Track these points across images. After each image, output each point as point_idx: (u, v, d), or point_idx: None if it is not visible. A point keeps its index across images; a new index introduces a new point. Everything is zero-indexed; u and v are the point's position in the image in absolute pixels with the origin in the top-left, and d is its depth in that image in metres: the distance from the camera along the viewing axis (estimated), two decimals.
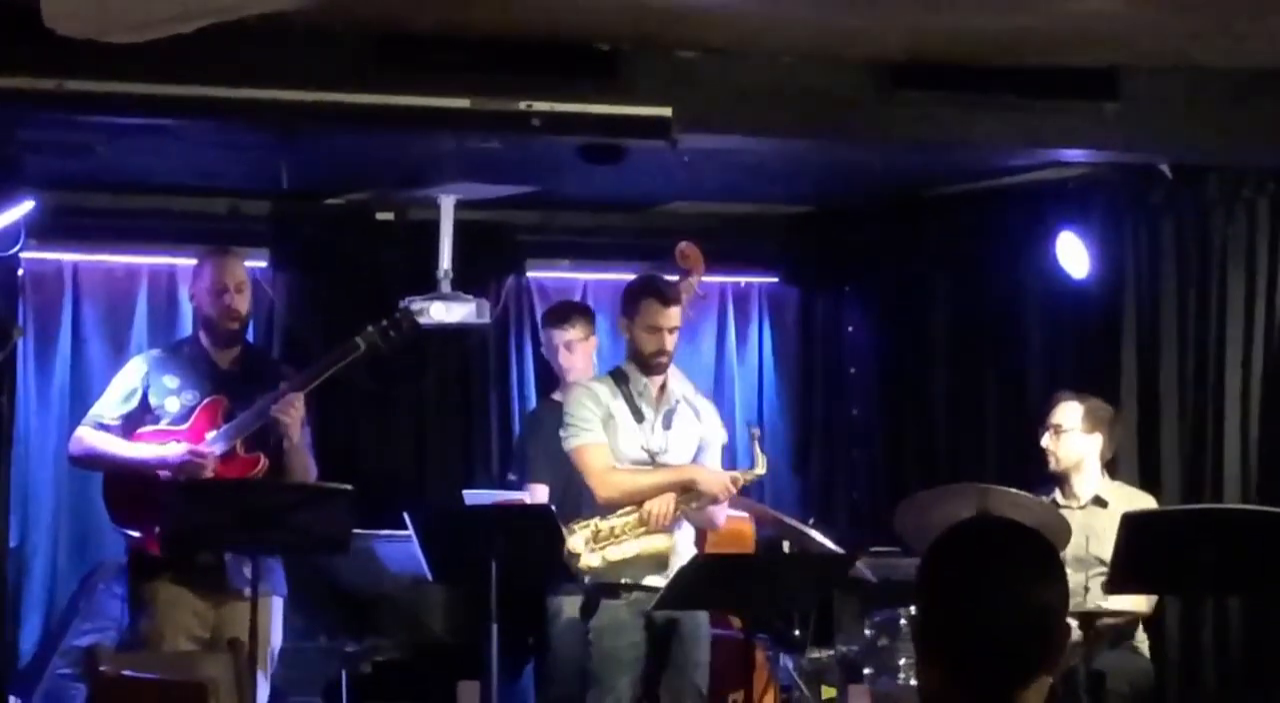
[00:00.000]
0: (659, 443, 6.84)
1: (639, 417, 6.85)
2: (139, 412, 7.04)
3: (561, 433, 6.87)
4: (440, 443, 9.28)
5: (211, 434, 6.95)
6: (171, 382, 7.07)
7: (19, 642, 8.44)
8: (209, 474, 6.87)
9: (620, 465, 6.79)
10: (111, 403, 7.08)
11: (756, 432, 7.08)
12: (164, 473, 6.88)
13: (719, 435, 7.07)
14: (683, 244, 7.54)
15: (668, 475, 6.80)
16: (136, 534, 6.96)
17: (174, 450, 6.91)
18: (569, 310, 8.01)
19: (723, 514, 7.06)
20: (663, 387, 6.91)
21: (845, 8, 6.41)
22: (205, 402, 7.01)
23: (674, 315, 6.86)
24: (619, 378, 6.91)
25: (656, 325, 6.82)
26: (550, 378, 8.23)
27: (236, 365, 7.16)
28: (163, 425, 7.01)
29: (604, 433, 6.79)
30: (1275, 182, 8.00)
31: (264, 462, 7.00)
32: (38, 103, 6.47)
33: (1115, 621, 7.24)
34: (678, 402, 6.94)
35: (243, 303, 7.14)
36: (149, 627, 6.95)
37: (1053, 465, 7.53)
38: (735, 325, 9.78)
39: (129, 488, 6.93)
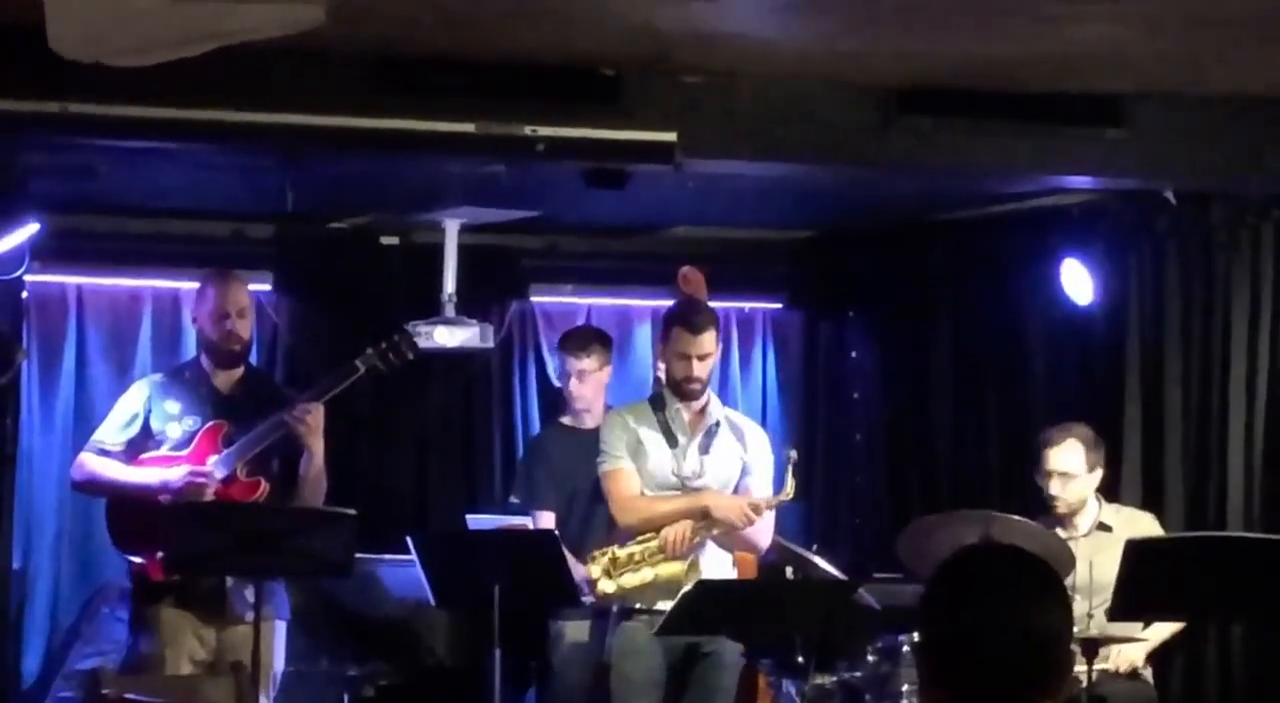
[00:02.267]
0: (692, 468, 6.89)
1: (673, 442, 6.90)
2: (141, 437, 7.03)
3: (598, 459, 6.96)
4: (443, 467, 9.27)
5: (213, 459, 6.92)
6: (173, 407, 7.05)
7: (22, 664, 8.43)
8: (210, 496, 6.86)
9: (649, 491, 6.87)
10: (113, 429, 7.07)
11: (793, 455, 7.00)
12: (165, 497, 6.87)
13: (766, 459, 7.05)
14: (684, 269, 7.54)
15: (683, 503, 6.84)
16: (139, 561, 6.95)
17: (175, 473, 6.89)
18: (589, 340, 7.74)
19: (767, 536, 7.04)
20: (701, 411, 6.95)
21: (850, 34, 6.41)
22: (206, 427, 6.99)
23: (702, 342, 6.88)
24: (656, 403, 6.99)
25: (685, 352, 6.87)
26: (553, 402, 8.21)
27: (238, 389, 7.14)
28: (164, 451, 6.99)
29: (631, 459, 6.86)
30: (1279, 208, 8.01)
31: (264, 486, 6.98)
32: (42, 126, 6.46)
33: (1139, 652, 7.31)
34: (718, 425, 6.96)
35: (244, 328, 7.11)
36: (152, 650, 6.93)
37: (1062, 510, 7.42)
38: (739, 350, 9.78)
39: (131, 515, 6.91)
